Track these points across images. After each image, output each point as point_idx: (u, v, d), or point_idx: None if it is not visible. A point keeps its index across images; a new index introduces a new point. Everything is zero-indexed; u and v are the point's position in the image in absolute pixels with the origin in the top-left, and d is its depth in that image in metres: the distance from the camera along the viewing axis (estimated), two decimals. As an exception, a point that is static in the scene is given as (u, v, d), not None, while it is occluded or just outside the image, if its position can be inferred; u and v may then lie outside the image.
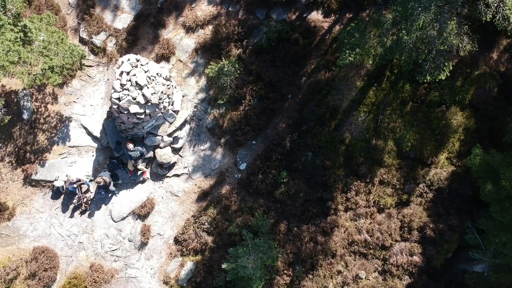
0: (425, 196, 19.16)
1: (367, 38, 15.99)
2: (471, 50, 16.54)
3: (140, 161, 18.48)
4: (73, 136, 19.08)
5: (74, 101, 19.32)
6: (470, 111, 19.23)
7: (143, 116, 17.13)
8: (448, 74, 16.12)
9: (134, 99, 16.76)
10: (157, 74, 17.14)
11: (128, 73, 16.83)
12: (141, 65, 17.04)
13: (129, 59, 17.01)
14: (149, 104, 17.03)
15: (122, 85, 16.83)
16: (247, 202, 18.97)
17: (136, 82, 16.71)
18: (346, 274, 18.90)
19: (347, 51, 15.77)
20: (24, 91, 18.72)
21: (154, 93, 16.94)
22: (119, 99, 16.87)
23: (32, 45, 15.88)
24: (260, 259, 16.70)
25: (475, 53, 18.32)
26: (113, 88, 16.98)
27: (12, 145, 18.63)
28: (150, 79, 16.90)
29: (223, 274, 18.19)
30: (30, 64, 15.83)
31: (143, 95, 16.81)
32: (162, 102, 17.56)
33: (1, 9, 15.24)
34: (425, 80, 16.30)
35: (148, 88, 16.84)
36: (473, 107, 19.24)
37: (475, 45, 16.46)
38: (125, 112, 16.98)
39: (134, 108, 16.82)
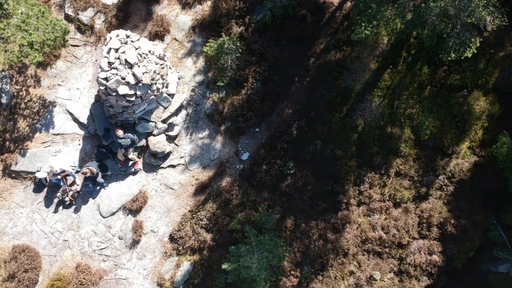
0: (445, 189, 18.68)
1: (384, 10, 15.07)
2: (500, 25, 15.79)
3: (131, 150, 17.68)
4: (57, 122, 18.23)
5: (58, 84, 18.45)
6: (494, 95, 18.72)
7: (133, 99, 16.22)
8: (475, 51, 15.34)
9: (123, 79, 15.84)
10: (149, 51, 16.26)
11: (116, 50, 15.92)
12: (132, 41, 16.13)
13: (118, 35, 16.07)
14: (140, 84, 16.11)
15: (110, 63, 15.90)
16: (249, 195, 18.35)
17: (125, 60, 15.79)
18: (359, 275, 18.50)
19: (363, 24, 15.02)
20: (3, 73, 17.84)
21: (146, 72, 16.01)
22: (106, 79, 15.95)
23: (9, 19, 15.15)
24: (265, 259, 16.10)
25: (501, 32, 17.89)
26: (100, 67, 16.07)
27: (-11, 132, 17.85)
28: (141, 56, 16.03)
29: (224, 275, 17.66)
30: (6, 40, 15.10)
31: (134, 74, 15.89)
32: (155, 83, 16.65)
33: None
34: (449, 58, 15.48)
35: (139, 66, 15.94)
36: (497, 92, 18.74)
37: (504, 19, 15.70)
38: (114, 94, 16.06)
39: (123, 89, 15.87)
